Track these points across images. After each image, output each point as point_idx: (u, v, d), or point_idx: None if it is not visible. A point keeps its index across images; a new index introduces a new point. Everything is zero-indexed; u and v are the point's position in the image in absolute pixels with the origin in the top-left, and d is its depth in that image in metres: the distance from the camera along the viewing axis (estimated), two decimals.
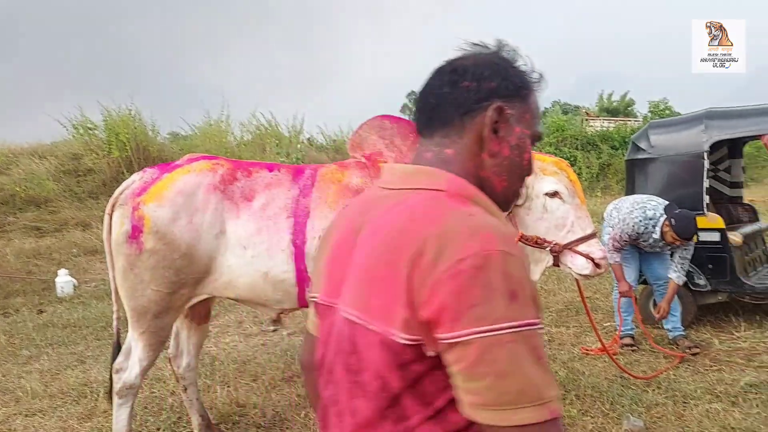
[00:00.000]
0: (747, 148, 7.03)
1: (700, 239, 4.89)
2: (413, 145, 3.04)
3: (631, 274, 4.63)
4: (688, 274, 4.67)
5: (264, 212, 2.91)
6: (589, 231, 2.77)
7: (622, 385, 3.92)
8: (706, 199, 4.92)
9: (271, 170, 3.08)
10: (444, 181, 0.93)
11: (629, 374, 3.89)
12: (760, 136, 4.79)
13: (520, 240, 2.80)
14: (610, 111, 29.83)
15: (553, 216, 2.77)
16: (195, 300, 2.93)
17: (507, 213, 2.78)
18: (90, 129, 12.38)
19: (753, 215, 5.96)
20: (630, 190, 5.44)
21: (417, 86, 1.03)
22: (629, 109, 30.15)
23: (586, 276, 2.79)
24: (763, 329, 4.87)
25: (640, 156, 5.31)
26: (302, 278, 2.94)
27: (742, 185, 6.15)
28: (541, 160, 2.83)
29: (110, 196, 2.94)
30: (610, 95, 31.99)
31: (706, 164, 4.91)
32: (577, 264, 2.77)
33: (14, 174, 11.32)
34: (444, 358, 0.80)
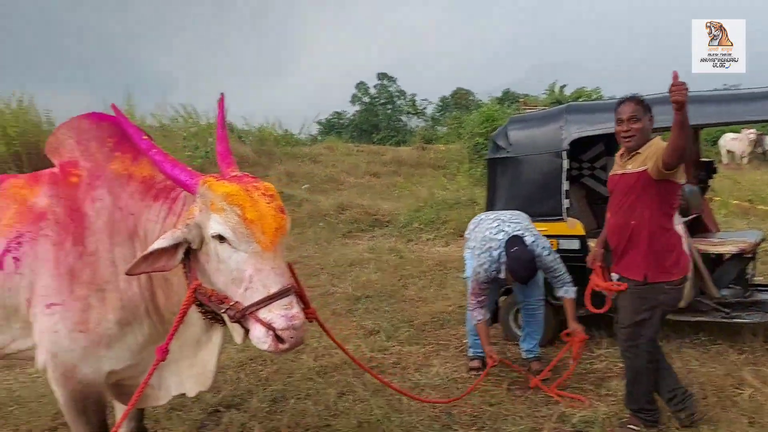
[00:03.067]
0: None
1: (560, 247, 4.39)
2: (111, 152, 2.39)
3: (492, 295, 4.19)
4: (548, 287, 4.16)
5: None
6: (274, 289, 1.95)
7: (444, 426, 3.38)
8: (566, 203, 4.40)
9: None
10: None
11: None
12: None
13: (194, 292, 2.06)
14: (561, 102, 29.65)
15: (227, 267, 2.01)
16: None
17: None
18: None
19: None
20: (491, 193, 4.89)
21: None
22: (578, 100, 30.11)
23: (267, 351, 1.98)
24: None
25: (500, 155, 4.75)
26: None
27: None
28: (212, 189, 2.02)
29: None
30: (563, 87, 31.89)
31: (566, 164, 4.38)
32: (254, 335, 1.98)
33: None
34: None
